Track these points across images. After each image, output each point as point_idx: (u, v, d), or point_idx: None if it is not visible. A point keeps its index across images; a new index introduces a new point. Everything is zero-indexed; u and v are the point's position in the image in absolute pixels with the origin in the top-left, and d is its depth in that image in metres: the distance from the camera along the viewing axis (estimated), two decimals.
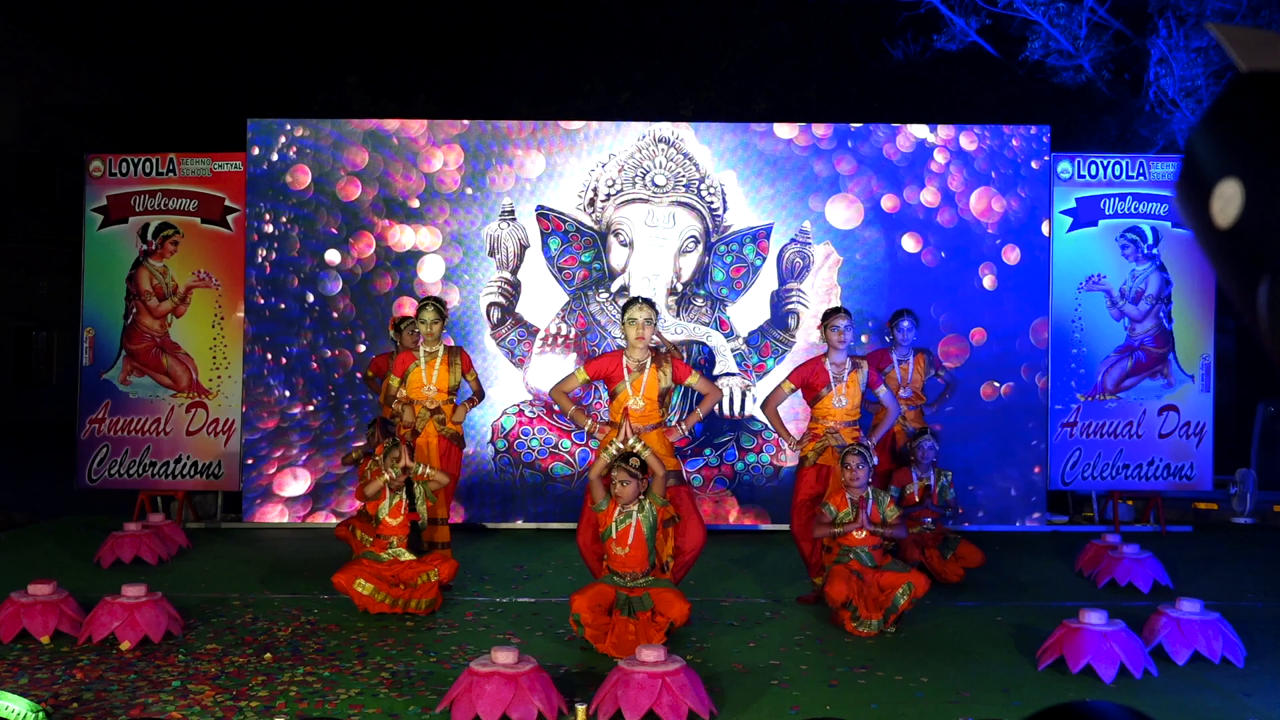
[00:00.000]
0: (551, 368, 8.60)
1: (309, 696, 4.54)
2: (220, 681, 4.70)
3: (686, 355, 8.45)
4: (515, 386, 8.65)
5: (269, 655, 5.10)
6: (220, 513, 8.88)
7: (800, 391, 6.49)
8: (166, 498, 8.82)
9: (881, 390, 6.45)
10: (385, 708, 4.43)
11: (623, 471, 5.45)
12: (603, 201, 8.69)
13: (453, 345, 7.01)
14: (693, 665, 4.73)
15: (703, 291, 8.68)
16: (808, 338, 8.56)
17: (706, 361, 8.62)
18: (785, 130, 8.76)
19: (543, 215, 8.69)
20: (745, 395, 8.64)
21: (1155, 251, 8.84)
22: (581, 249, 8.69)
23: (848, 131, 8.78)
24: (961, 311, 8.71)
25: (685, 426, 6.15)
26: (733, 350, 8.66)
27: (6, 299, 17.80)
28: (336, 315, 8.68)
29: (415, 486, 6.18)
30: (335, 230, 8.70)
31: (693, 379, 6.08)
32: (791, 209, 8.71)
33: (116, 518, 8.18)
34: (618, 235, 8.67)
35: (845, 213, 8.72)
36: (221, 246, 8.78)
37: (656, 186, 8.67)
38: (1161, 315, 8.83)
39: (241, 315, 8.71)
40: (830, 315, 6.41)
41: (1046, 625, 5.32)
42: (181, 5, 17.99)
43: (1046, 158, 8.79)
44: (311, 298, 8.68)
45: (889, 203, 8.72)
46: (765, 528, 8.56)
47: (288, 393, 8.65)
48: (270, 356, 8.66)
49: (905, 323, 7.52)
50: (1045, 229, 8.76)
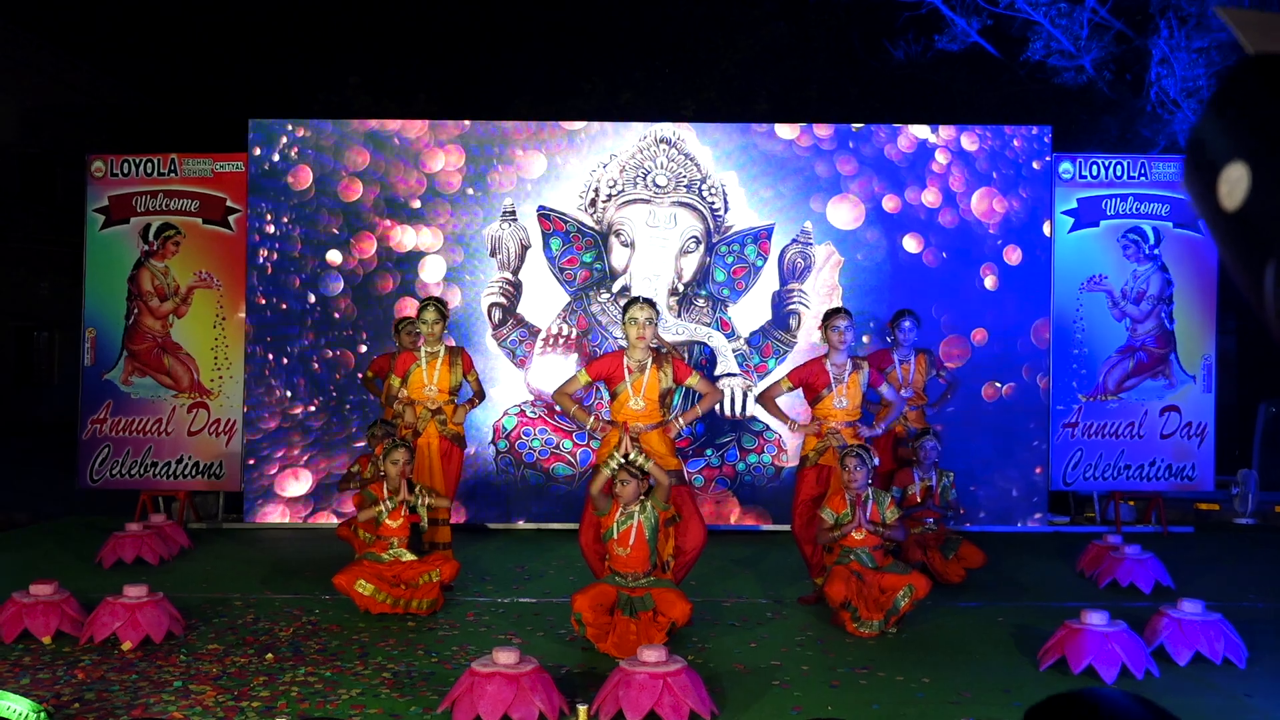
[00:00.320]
0: (553, 368, 8.60)
1: (310, 697, 4.55)
2: (222, 682, 4.71)
3: (687, 356, 8.46)
4: (516, 387, 8.65)
5: (270, 655, 5.11)
6: (222, 513, 8.89)
7: (800, 391, 6.50)
8: (168, 498, 8.83)
9: (884, 388, 6.46)
10: (387, 708, 4.43)
11: (624, 471, 5.45)
12: (604, 202, 8.69)
13: (454, 346, 7.00)
14: (694, 665, 4.74)
15: (704, 292, 8.68)
16: (809, 338, 8.56)
17: (708, 362, 8.62)
18: (786, 131, 8.76)
19: (544, 216, 8.69)
20: (747, 396, 8.64)
21: (1157, 252, 8.83)
22: (583, 249, 8.69)
23: (849, 132, 8.78)
24: (963, 312, 8.71)
25: (683, 421, 6.10)
26: (734, 351, 8.66)
27: (8, 299, 17.81)
28: (338, 316, 8.68)
29: (417, 489, 6.18)
30: (336, 231, 8.70)
31: (693, 379, 6.08)
32: (793, 209, 8.70)
33: (118, 518, 8.18)
34: (619, 235, 8.67)
35: (847, 213, 8.72)
36: (223, 247, 8.79)
37: (658, 187, 8.67)
38: (1163, 316, 8.82)
39: (243, 316, 8.71)
40: (831, 316, 6.41)
41: (1048, 626, 5.32)
42: (183, 5, 18.00)
43: (1048, 158, 8.78)
44: (313, 298, 8.68)
45: (890, 203, 8.72)
46: (766, 528, 8.56)
47: (289, 393, 8.66)
48: (272, 357, 8.67)
49: (906, 323, 7.52)
50: (1047, 229, 8.76)
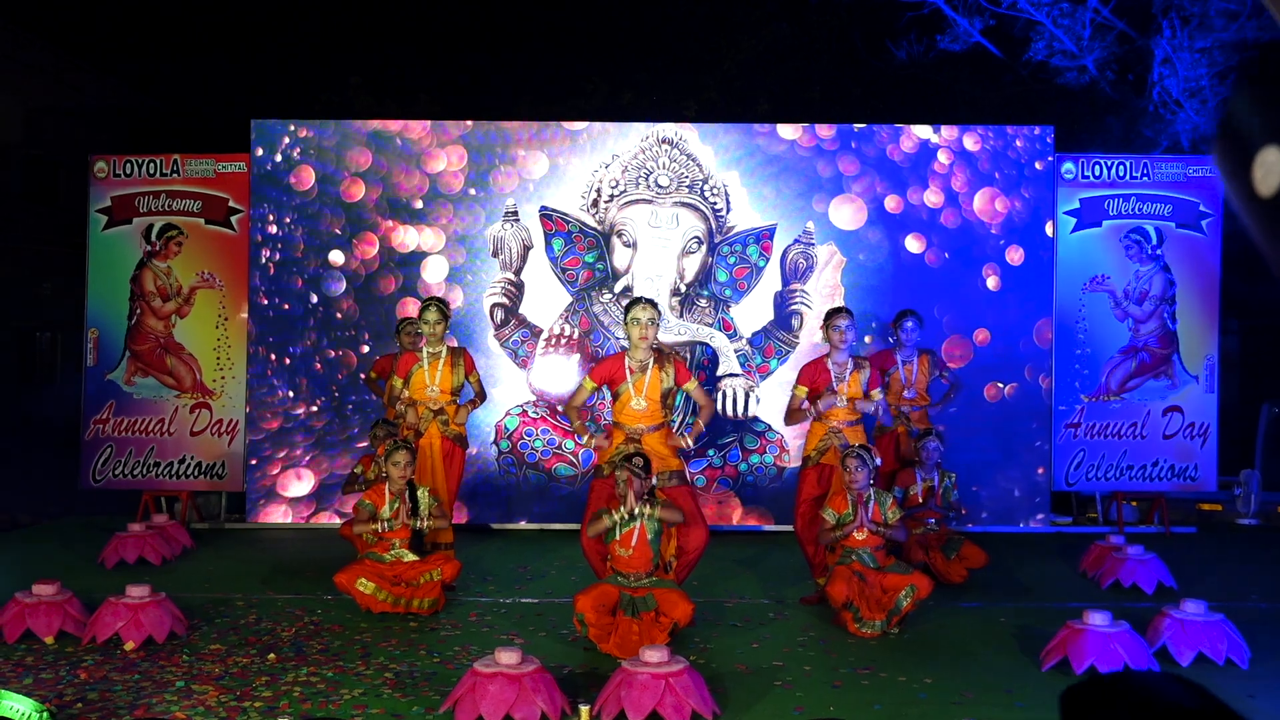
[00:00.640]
0: (555, 369, 8.61)
1: (313, 697, 4.55)
2: (224, 682, 4.71)
3: (689, 357, 8.46)
4: (519, 387, 8.65)
5: (273, 655, 5.11)
6: (224, 513, 8.89)
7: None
8: (170, 498, 8.83)
9: (876, 394, 6.39)
10: (389, 708, 4.43)
11: (627, 471, 5.45)
12: (606, 202, 8.69)
13: (455, 346, 7.00)
14: (696, 666, 4.74)
15: (706, 292, 8.68)
16: (811, 339, 8.56)
17: (710, 362, 8.62)
18: (788, 131, 8.76)
19: (546, 216, 8.69)
20: (749, 396, 8.64)
21: (1159, 252, 8.82)
22: (585, 250, 8.70)
23: (851, 132, 8.78)
24: (965, 312, 8.70)
25: (690, 441, 6.14)
26: (736, 351, 8.66)
27: (10, 300, 17.81)
28: (340, 316, 8.69)
29: (419, 491, 6.18)
30: (339, 231, 8.71)
31: (690, 385, 6.06)
32: (795, 210, 8.70)
33: (120, 518, 8.19)
34: (621, 236, 8.67)
35: (849, 213, 8.72)
36: (225, 247, 8.79)
37: (660, 187, 8.67)
38: (1165, 316, 8.82)
39: (245, 316, 8.71)
40: (832, 315, 6.41)
41: (1050, 626, 5.31)
42: (185, 6, 18.00)
43: (1050, 158, 8.78)
44: (315, 298, 8.69)
45: (892, 203, 8.71)
46: (768, 528, 8.55)
47: (291, 393, 8.66)
48: (274, 357, 8.67)
49: (909, 323, 7.51)
50: (1049, 230, 8.75)
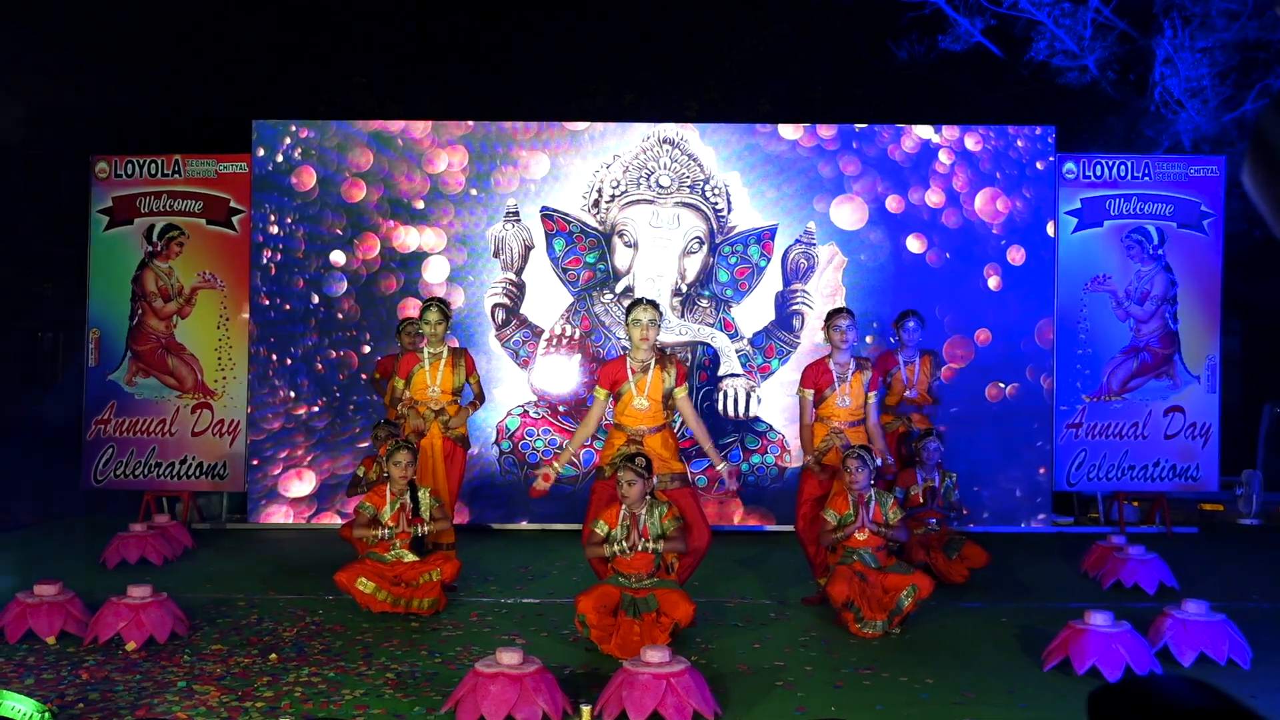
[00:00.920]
0: (556, 369, 8.61)
1: (314, 697, 4.55)
2: (225, 682, 4.71)
3: (691, 357, 8.46)
4: (520, 388, 8.65)
5: (274, 656, 5.11)
6: (225, 513, 8.90)
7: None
8: (172, 499, 8.84)
9: (870, 396, 6.33)
10: (390, 708, 4.43)
11: (629, 472, 5.44)
12: (607, 202, 8.69)
13: (457, 347, 7.00)
14: (697, 666, 4.73)
15: (707, 292, 8.68)
16: (812, 339, 8.55)
17: (711, 362, 8.62)
18: (790, 131, 8.76)
19: (547, 216, 8.69)
20: (750, 396, 8.64)
21: (1160, 252, 8.82)
22: (586, 250, 8.70)
23: (852, 132, 8.78)
24: (966, 312, 8.70)
25: (724, 468, 5.97)
26: (737, 351, 8.66)
27: (12, 300, 17.83)
28: (341, 316, 8.69)
29: (420, 492, 6.18)
30: (340, 231, 8.71)
31: (679, 391, 5.88)
32: (796, 210, 8.70)
33: (122, 518, 8.19)
34: (622, 236, 8.67)
35: (850, 214, 8.72)
36: (226, 248, 8.80)
37: (661, 187, 8.67)
38: (1167, 316, 8.81)
39: (246, 316, 8.72)
40: (833, 315, 6.40)
41: (1051, 626, 5.31)
42: (186, 6, 18.00)
43: (1051, 158, 8.77)
44: (316, 299, 8.69)
45: (894, 204, 8.71)
46: (770, 529, 8.55)
47: (293, 394, 8.66)
48: (275, 357, 8.68)
49: (911, 323, 7.51)
50: (1050, 230, 8.75)
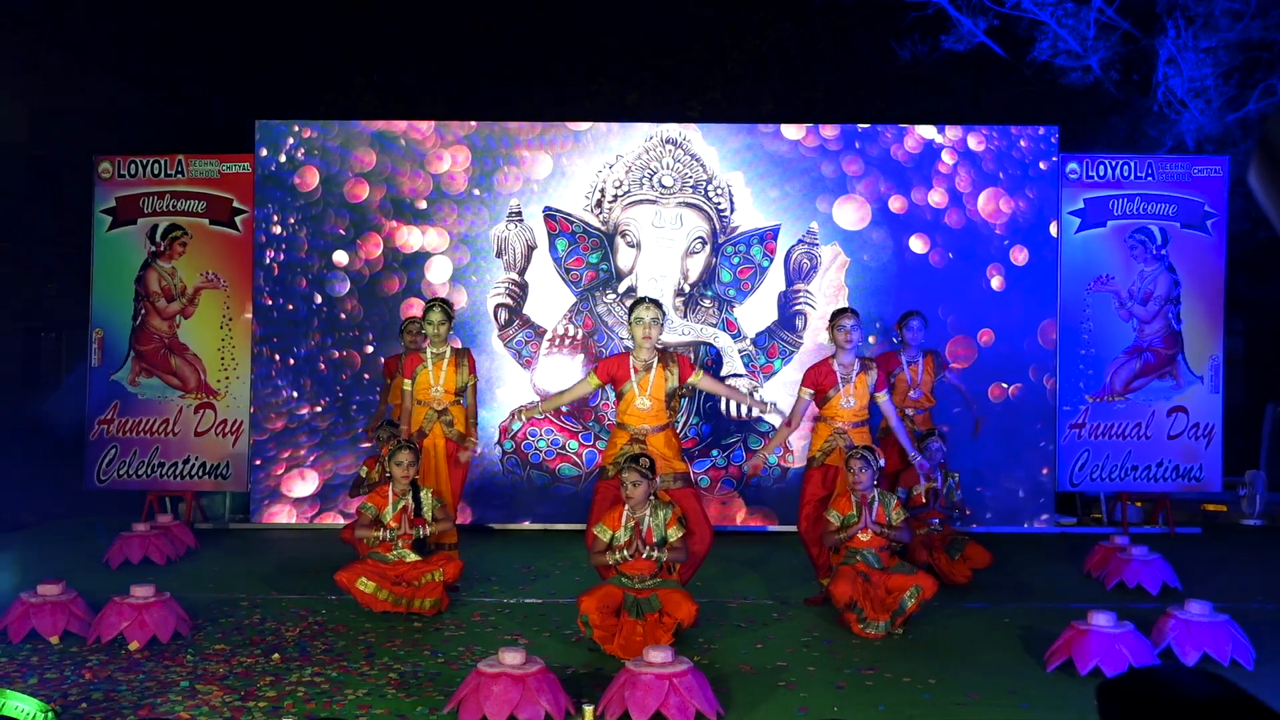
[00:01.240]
0: (559, 369, 8.60)
1: (317, 697, 4.55)
2: (228, 682, 4.72)
3: (693, 356, 8.46)
4: (522, 388, 8.65)
5: (277, 656, 5.11)
6: (228, 513, 8.91)
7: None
8: (175, 498, 8.84)
9: (881, 397, 6.38)
10: (393, 708, 4.44)
11: (633, 473, 5.44)
12: (610, 202, 8.69)
13: (460, 347, 7.00)
14: (700, 666, 4.73)
15: (710, 292, 8.67)
16: (815, 339, 8.55)
17: (714, 363, 8.62)
18: (792, 131, 8.76)
19: (550, 216, 8.69)
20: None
21: (1164, 252, 8.81)
22: (589, 250, 8.70)
23: (855, 132, 8.77)
24: (969, 313, 8.69)
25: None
26: (740, 351, 8.66)
27: (15, 300, 17.85)
28: (344, 316, 8.69)
29: (422, 493, 6.19)
30: (343, 231, 8.71)
31: (696, 377, 6.03)
32: (799, 210, 8.70)
33: (125, 518, 8.19)
34: (625, 236, 8.67)
35: (853, 214, 8.71)
36: (229, 248, 8.80)
37: (663, 187, 8.67)
38: (1170, 316, 8.80)
39: (249, 316, 8.72)
40: (837, 316, 6.39)
41: (1054, 627, 5.30)
42: (189, 6, 18.02)
43: (1055, 158, 8.76)
44: (319, 299, 8.69)
45: (896, 204, 8.70)
46: (773, 529, 8.55)
47: (295, 394, 8.67)
48: (278, 358, 8.68)
49: (914, 323, 7.50)
50: (1053, 230, 8.74)
